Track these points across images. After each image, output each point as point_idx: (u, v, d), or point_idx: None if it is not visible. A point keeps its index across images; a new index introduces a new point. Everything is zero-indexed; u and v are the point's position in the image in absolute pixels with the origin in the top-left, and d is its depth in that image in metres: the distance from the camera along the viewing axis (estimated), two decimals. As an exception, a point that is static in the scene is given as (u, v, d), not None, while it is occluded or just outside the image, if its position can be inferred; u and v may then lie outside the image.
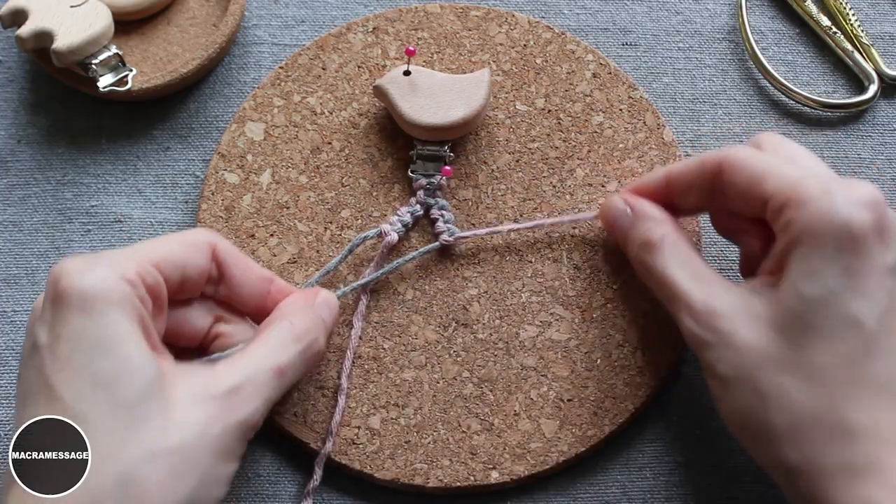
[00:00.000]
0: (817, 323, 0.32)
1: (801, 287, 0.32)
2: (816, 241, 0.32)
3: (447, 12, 0.47)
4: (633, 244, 0.38)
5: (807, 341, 0.32)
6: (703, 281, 0.35)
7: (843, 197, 0.32)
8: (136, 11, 0.47)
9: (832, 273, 0.31)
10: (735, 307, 0.34)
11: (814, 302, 0.32)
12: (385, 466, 0.39)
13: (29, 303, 0.43)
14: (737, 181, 0.35)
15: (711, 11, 0.49)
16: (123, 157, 0.46)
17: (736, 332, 0.33)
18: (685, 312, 0.35)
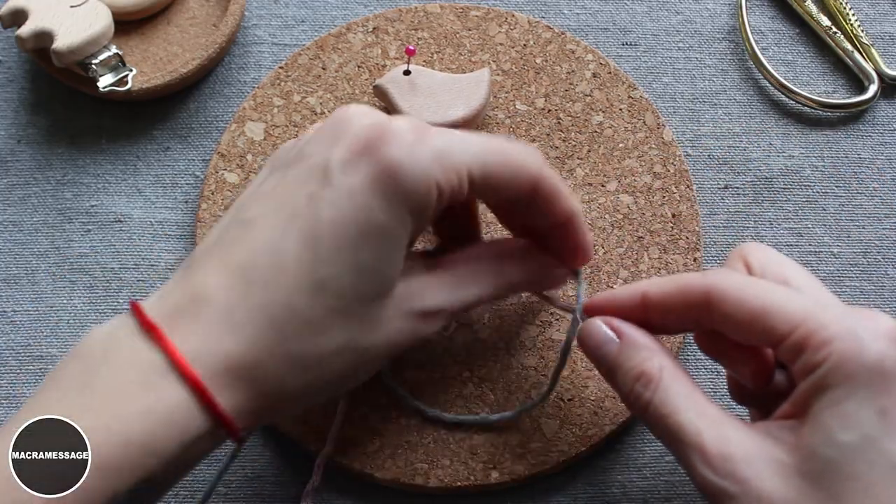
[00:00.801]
0: (856, 471, 0.29)
1: (836, 434, 0.29)
2: (848, 383, 0.29)
3: (447, 12, 0.47)
4: (625, 377, 0.34)
5: (845, 491, 0.29)
6: (713, 421, 0.31)
7: (870, 334, 0.30)
8: (136, 11, 0.47)
9: (868, 417, 0.29)
10: (755, 451, 0.30)
11: (851, 449, 0.29)
12: (385, 466, 0.39)
13: (29, 303, 0.43)
14: (733, 316, 0.32)
15: (711, 11, 0.49)
16: (123, 157, 0.46)
17: (761, 481, 0.30)
18: (697, 457, 0.31)
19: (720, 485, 0.30)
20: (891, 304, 0.43)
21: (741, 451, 0.30)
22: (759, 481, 0.30)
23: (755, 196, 0.45)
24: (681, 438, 0.31)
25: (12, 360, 0.42)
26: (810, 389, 0.30)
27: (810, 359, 0.30)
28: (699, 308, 0.33)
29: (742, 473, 0.30)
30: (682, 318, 0.34)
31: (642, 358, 0.33)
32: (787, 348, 0.31)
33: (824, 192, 0.45)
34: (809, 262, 0.44)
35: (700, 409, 0.32)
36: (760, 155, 0.46)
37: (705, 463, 0.30)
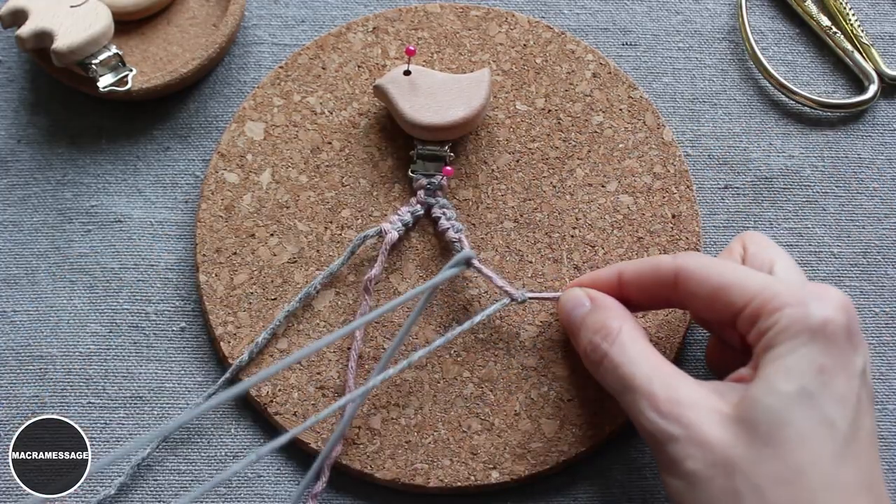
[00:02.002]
0: (793, 421, 0.31)
1: (777, 383, 0.31)
2: (792, 339, 0.31)
3: (447, 12, 0.47)
4: (587, 331, 0.37)
5: (782, 439, 0.30)
6: (664, 373, 0.34)
7: (818, 300, 0.32)
8: (136, 11, 0.47)
9: (808, 372, 0.31)
10: (700, 400, 0.32)
11: (789, 398, 0.31)
12: (385, 466, 0.39)
13: (29, 303, 0.43)
14: (698, 292, 0.34)
15: (711, 11, 0.49)
16: (123, 157, 0.46)
17: (703, 425, 0.32)
18: (645, 403, 0.33)
19: (665, 427, 0.32)
20: (891, 304, 0.43)
21: (688, 398, 0.32)
22: (701, 425, 0.32)
23: (755, 196, 0.45)
24: (632, 385, 0.34)
25: (12, 360, 0.42)
26: (759, 352, 0.32)
27: (762, 325, 0.32)
28: (669, 286, 0.35)
29: (686, 418, 0.32)
30: (655, 295, 0.37)
31: (606, 316, 0.36)
32: (744, 319, 0.33)
33: (824, 192, 0.45)
34: (809, 262, 0.44)
35: (653, 363, 0.34)
36: (760, 155, 0.46)
37: (653, 408, 0.33)
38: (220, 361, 0.42)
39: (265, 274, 0.42)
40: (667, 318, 0.41)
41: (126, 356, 0.42)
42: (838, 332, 0.31)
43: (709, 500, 0.31)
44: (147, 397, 0.41)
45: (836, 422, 0.31)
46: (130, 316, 0.43)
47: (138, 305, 0.43)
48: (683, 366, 0.42)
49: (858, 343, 0.32)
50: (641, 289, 0.37)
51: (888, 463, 0.41)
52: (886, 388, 0.42)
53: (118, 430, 0.40)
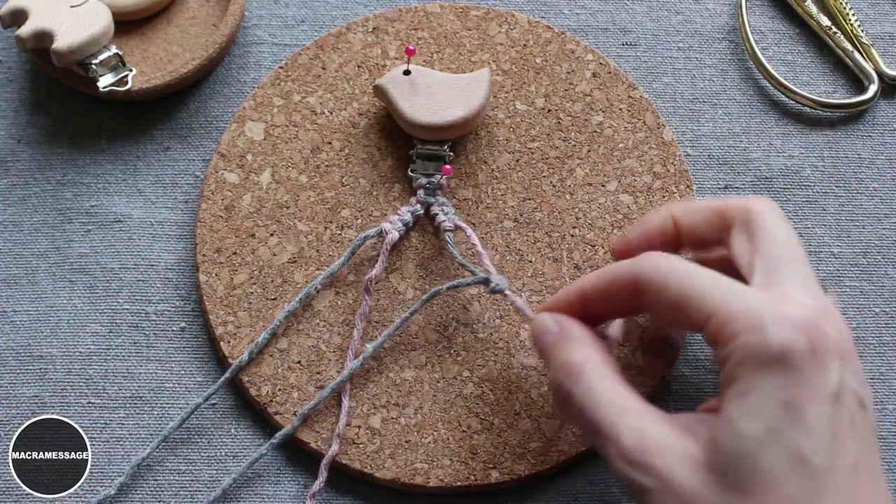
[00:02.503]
0: (761, 465, 0.29)
1: (741, 426, 0.29)
2: (751, 376, 0.29)
3: (447, 12, 0.47)
4: (552, 365, 0.35)
5: (754, 486, 0.29)
6: (630, 414, 0.32)
7: (774, 323, 0.30)
8: (136, 11, 0.47)
9: (771, 408, 0.29)
10: (669, 443, 0.31)
11: (755, 441, 0.29)
12: (385, 466, 0.39)
13: (29, 303, 0.43)
14: (657, 303, 0.33)
15: (711, 11, 0.49)
16: (123, 157, 0.46)
17: (674, 475, 0.30)
18: (612, 449, 0.31)
19: (636, 477, 0.30)
20: (891, 304, 0.43)
21: (656, 444, 0.31)
22: (672, 475, 0.30)
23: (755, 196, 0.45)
24: (598, 431, 0.32)
25: (12, 360, 0.42)
26: (723, 382, 0.31)
27: (721, 353, 0.31)
28: (630, 293, 0.33)
29: (657, 468, 0.30)
30: (619, 306, 0.35)
31: (570, 349, 0.34)
32: (707, 337, 0.32)
33: (824, 192, 0.45)
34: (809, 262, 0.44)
35: (619, 403, 0.32)
36: (760, 155, 0.46)
37: (621, 456, 0.31)
38: (220, 361, 0.42)
39: (265, 274, 0.42)
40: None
41: (126, 356, 0.42)
42: (800, 358, 0.29)
43: None
44: (147, 397, 0.41)
45: (808, 457, 0.29)
46: (130, 316, 0.43)
47: (138, 305, 0.43)
48: (681, 364, 0.42)
49: (826, 361, 0.30)
50: (605, 302, 0.35)
51: (888, 463, 0.41)
52: (886, 388, 0.42)
53: (118, 430, 0.40)
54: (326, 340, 0.41)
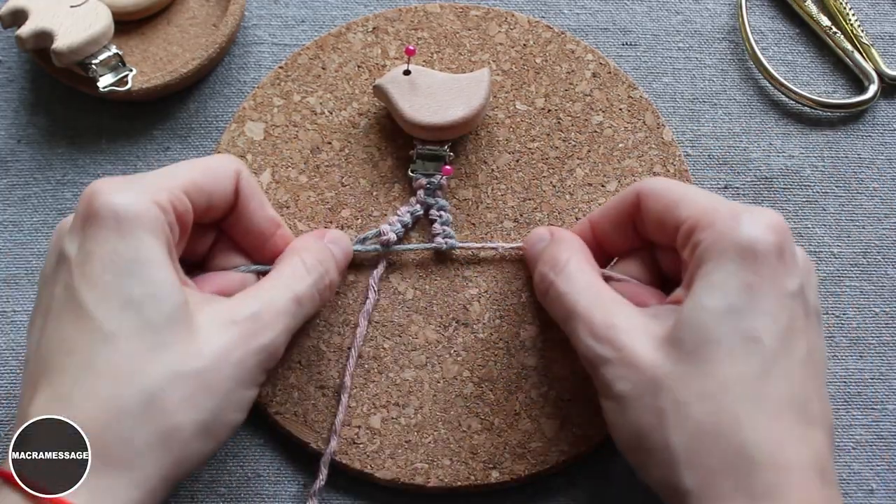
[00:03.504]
0: (718, 337, 0.31)
1: (703, 300, 0.31)
2: (720, 257, 0.31)
3: (447, 12, 0.47)
4: (540, 264, 0.38)
5: (707, 356, 0.31)
6: (604, 300, 0.35)
7: (749, 219, 0.32)
8: (136, 11, 0.47)
9: (734, 288, 0.31)
10: (635, 324, 0.33)
11: (715, 315, 0.31)
12: (385, 466, 0.39)
13: (29, 303, 0.43)
14: (653, 208, 0.35)
15: (711, 11, 0.49)
16: (123, 157, 0.46)
17: (635, 348, 0.32)
18: (583, 327, 0.34)
19: (599, 351, 0.33)
20: (891, 304, 0.43)
21: (623, 322, 0.33)
22: (633, 348, 0.32)
23: (755, 196, 0.45)
24: (573, 311, 0.35)
25: (12, 361, 0.42)
26: (692, 268, 0.33)
27: (695, 239, 0.33)
28: (633, 206, 0.36)
29: (619, 341, 0.33)
30: (621, 224, 0.37)
31: (559, 248, 0.37)
32: (682, 233, 0.34)
33: (824, 192, 0.45)
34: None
35: (596, 292, 0.35)
36: (760, 155, 0.46)
37: (590, 332, 0.34)
38: (220, 361, 0.42)
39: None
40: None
41: (126, 356, 0.42)
42: (768, 251, 0.31)
43: (636, 420, 0.32)
44: (147, 397, 0.41)
45: (762, 338, 0.31)
46: (130, 316, 0.43)
47: (138, 305, 0.43)
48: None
49: (791, 263, 0.32)
50: (609, 221, 0.38)
51: (888, 463, 0.41)
52: (886, 388, 0.42)
53: (118, 430, 0.40)
54: (326, 340, 0.41)
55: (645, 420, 0.31)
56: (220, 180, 0.35)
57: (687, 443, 0.30)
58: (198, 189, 0.34)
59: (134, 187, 0.32)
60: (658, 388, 0.31)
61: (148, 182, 0.33)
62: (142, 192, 0.32)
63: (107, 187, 0.32)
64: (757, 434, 0.30)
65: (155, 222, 0.32)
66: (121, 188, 0.32)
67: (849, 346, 0.43)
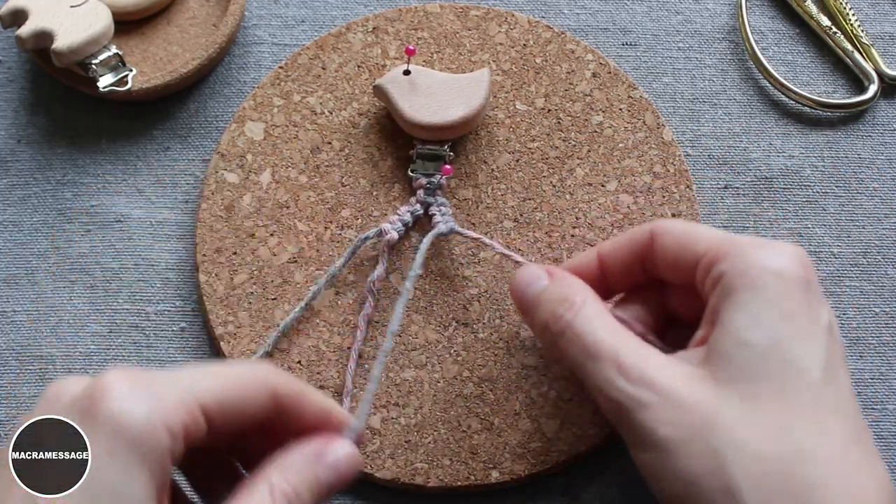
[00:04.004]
0: (767, 371, 0.29)
1: (745, 334, 0.30)
2: (753, 287, 0.30)
3: (447, 12, 0.47)
4: (547, 303, 0.34)
5: (758, 390, 0.29)
6: (631, 341, 0.32)
7: (774, 249, 0.32)
8: (136, 11, 0.47)
9: (774, 318, 0.30)
10: (671, 364, 0.31)
11: (760, 348, 0.29)
12: (385, 466, 0.39)
13: (29, 303, 0.43)
14: (669, 244, 0.34)
15: (711, 11, 0.49)
16: (123, 157, 0.46)
17: (677, 387, 0.30)
18: (613, 370, 0.31)
19: (635, 394, 0.30)
20: (891, 304, 0.43)
21: (656, 363, 0.31)
22: (674, 388, 0.30)
23: (755, 196, 0.45)
24: (597, 353, 0.32)
25: (12, 361, 0.42)
26: (718, 298, 0.31)
27: (719, 269, 0.31)
28: (645, 246, 0.35)
29: (658, 382, 0.30)
30: (632, 262, 0.36)
31: (568, 288, 0.34)
32: (703, 265, 0.32)
33: (824, 192, 0.45)
34: (809, 262, 0.44)
35: (619, 334, 0.33)
36: (760, 155, 0.46)
37: (621, 374, 0.31)
38: (220, 361, 0.42)
39: (265, 274, 0.42)
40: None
41: (126, 356, 0.42)
42: (799, 281, 0.31)
43: (688, 467, 0.29)
44: (147, 397, 0.41)
45: (811, 369, 0.29)
46: (130, 316, 0.43)
47: (138, 305, 0.43)
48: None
49: (819, 295, 0.31)
50: (620, 258, 0.36)
51: (888, 463, 0.41)
52: (886, 388, 0.42)
53: (118, 430, 0.40)
54: (326, 340, 0.41)
55: (698, 465, 0.29)
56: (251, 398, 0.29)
57: (753, 485, 0.28)
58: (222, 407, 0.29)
59: (147, 396, 0.27)
60: (711, 429, 0.29)
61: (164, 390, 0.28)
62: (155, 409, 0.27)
63: (118, 390, 0.27)
64: (826, 469, 0.28)
65: (155, 452, 0.27)
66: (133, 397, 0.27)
67: (849, 346, 0.43)
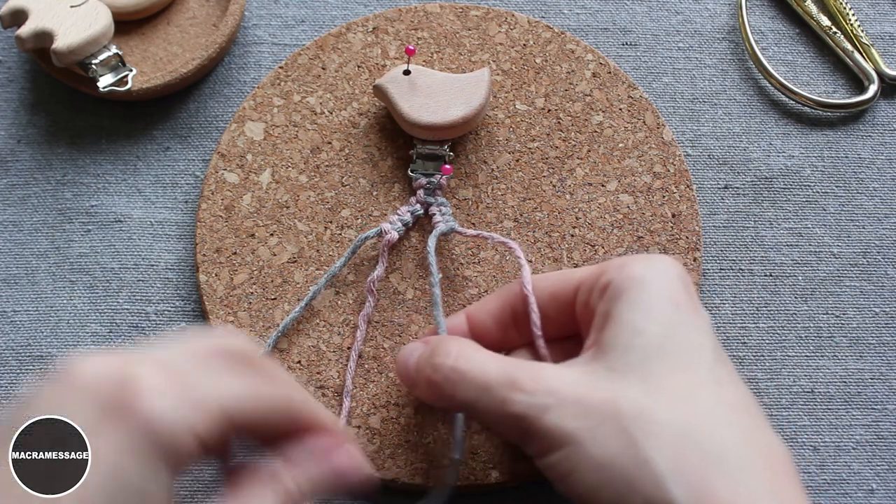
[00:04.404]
0: (664, 352, 0.30)
1: (640, 323, 0.31)
2: (642, 284, 0.32)
3: (447, 12, 0.47)
4: (425, 363, 0.33)
5: (658, 370, 0.30)
6: (517, 362, 0.32)
7: (653, 257, 0.33)
8: (136, 11, 0.47)
9: (665, 307, 0.31)
10: (565, 369, 0.32)
11: (655, 334, 0.31)
12: (385, 466, 0.39)
13: (29, 303, 0.43)
14: (543, 286, 0.35)
15: (711, 11, 0.49)
16: (123, 157, 0.46)
17: (576, 385, 0.30)
18: (508, 390, 0.31)
19: (535, 401, 0.30)
20: (891, 304, 0.43)
21: (551, 373, 0.31)
22: (575, 386, 0.30)
23: (755, 196, 0.45)
24: (487, 382, 0.31)
25: (12, 360, 0.42)
26: (608, 303, 0.32)
27: (605, 279, 0.32)
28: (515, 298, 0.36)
29: (554, 385, 0.30)
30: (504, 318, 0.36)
31: (442, 342, 0.34)
32: (584, 289, 0.33)
33: (824, 192, 0.45)
34: (809, 262, 0.44)
35: (501, 359, 0.33)
36: (760, 155, 0.46)
37: (517, 389, 0.30)
38: (220, 361, 0.41)
39: (265, 274, 0.42)
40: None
41: (126, 356, 0.42)
42: (679, 277, 0.33)
43: (602, 452, 0.29)
44: (147, 397, 0.41)
45: (705, 346, 0.31)
46: (130, 316, 0.43)
47: (138, 305, 0.43)
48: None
49: (698, 300, 0.33)
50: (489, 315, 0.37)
51: (888, 463, 0.41)
52: (886, 388, 0.42)
53: (118, 430, 0.40)
54: (326, 340, 0.41)
55: (612, 447, 0.29)
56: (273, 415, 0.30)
57: (667, 452, 0.28)
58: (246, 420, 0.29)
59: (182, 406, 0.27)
60: (616, 412, 0.29)
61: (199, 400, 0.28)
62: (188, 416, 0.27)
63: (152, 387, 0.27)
64: (731, 431, 0.29)
65: (180, 457, 0.27)
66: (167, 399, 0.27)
67: (849, 346, 0.43)
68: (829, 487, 0.40)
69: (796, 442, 0.41)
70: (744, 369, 0.42)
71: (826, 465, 0.41)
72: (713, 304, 0.43)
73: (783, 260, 0.44)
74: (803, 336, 0.43)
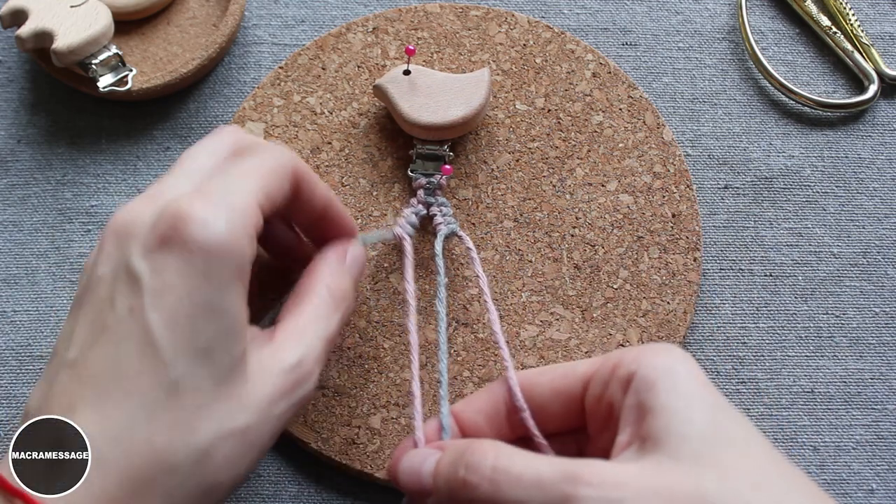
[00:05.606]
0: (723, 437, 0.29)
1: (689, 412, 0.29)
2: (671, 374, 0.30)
3: (447, 12, 0.47)
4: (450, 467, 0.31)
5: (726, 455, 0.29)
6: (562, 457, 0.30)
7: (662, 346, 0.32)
8: (136, 11, 0.47)
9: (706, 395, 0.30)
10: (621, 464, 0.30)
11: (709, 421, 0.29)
12: (385, 466, 0.39)
13: (29, 303, 0.43)
14: (543, 381, 0.34)
15: (711, 11, 0.49)
16: (123, 157, 0.46)
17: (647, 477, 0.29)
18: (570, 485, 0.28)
19: (609, 496, 0.28)
20: (891, 304, 0.43)
21: (610, 468, 0.29)
22: (645, 479, 0.28)
23: (755, 196, 0.45)
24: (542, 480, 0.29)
25: (12, 360, 0.42)
26: (637, 395, 0.30)
27: (623, 371, 0.31)
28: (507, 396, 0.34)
29: (623, 479, 0.28)
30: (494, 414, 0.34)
31: (468, 443, 0.31)
32: (596, 383, 0.32)
33: (824, 192, 0.45)
34: (809, 262, 0.44)
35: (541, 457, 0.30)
36: (760, 155, 0.46)
37: (582, 484, 0.28)
38: (220, 361, 0.41)
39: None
40: (666, 317, 0.41)
41: (126, 356, 0.42)
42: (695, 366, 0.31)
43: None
44: (147, 397, 0.41)
45: (750, 427, 0.30)
46: (130, 316, 0.43)
47: (138, 305, 0.43)
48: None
49: None
50: (482, 411, 0.35)
51: (888, 463, 0.41)
52: (886, 388, 0.42)
53: (118, 430, 0.40)
54: (326, 340, 0.41)
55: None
56: (283, 183, 0.33)
57: None
58: (270, 198, 0.32)
59: (225, 217, 0.30)
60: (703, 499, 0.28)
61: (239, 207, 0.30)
62: (233, 227, 0.30)
63: (197, 212, 0.29)
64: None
65: (243, 265, 0.30)
66: (215, 216, 0.29)
67: (849, 346, 0.43)
68: (829, 487, 0.40)
69: (796, 442, 0.41)
70: (744, 369, 0.42)
71: (826, 465, 0.41)
72: (713, 304, 0.43)
73: (783, 260, 0.44)
74: (803, 336, 0.43)
